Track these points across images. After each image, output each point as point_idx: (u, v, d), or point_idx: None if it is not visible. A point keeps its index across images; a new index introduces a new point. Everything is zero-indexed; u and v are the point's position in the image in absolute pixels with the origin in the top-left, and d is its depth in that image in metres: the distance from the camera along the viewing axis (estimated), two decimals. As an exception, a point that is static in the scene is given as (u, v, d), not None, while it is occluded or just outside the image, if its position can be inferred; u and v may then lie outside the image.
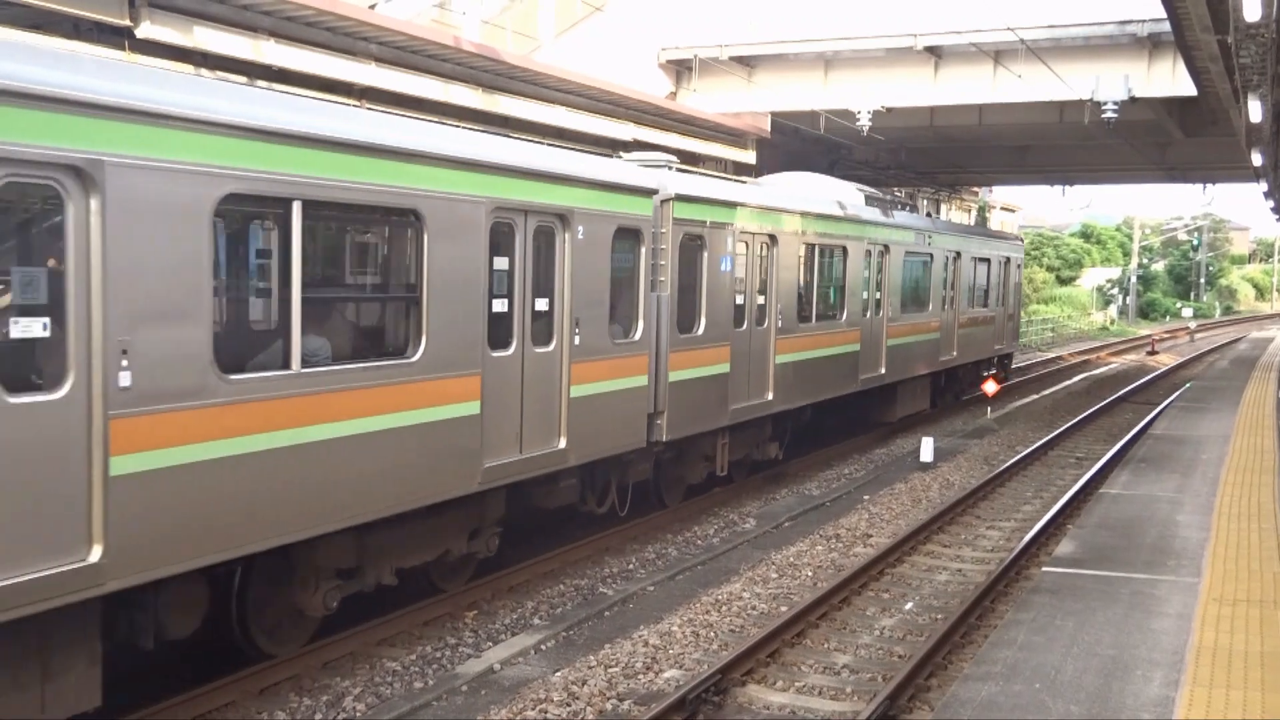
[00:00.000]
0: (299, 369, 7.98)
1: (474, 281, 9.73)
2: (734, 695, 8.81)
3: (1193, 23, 14.86)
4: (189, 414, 7.18)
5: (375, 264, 10.03)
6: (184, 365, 7.14)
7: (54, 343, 6.46)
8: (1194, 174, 40.90)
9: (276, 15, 15.61)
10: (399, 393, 8.94)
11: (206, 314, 7.25)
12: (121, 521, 6.73)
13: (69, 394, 6.47)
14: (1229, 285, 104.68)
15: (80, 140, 6.43)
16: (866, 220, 19.14)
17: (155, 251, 6.92)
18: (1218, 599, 8.99)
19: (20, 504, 6.25)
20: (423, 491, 9.34)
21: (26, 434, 6.26)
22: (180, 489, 7.14)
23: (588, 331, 11.37)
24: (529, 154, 10.94)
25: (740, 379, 14.72)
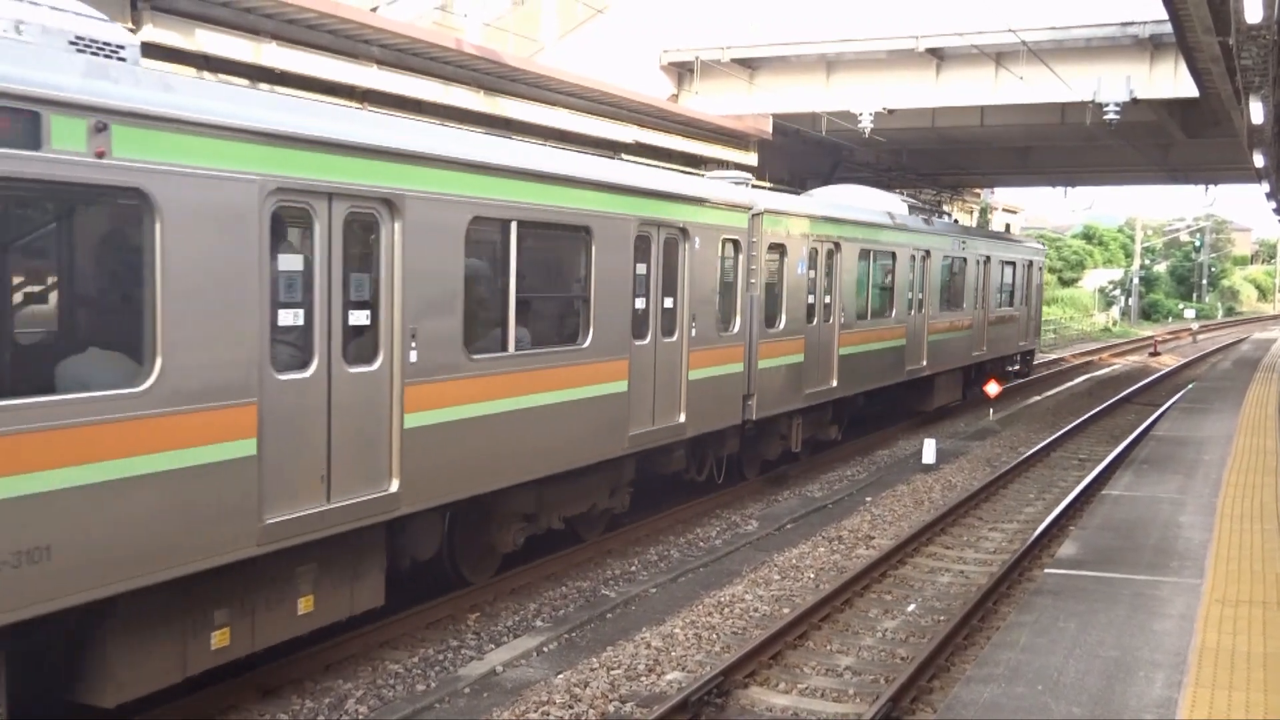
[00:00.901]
0: (513, 351, 10.27)
1: (625, 283, 11.91)
2: (736, 697, 8.80)
3: (1194, 24, 14.88)
4: (450, 384, 9.46)
5: (560, 270, 11.83)
6: (448, 346, 9.38)
7: (372, 328, 8.62)
8: (1196, 175, 40.92)
9: (279, 18, 15.65)
10: (574, 372, 11.10)
11: (459, 308, 9.45)
12: (410, 463, 8.92)
13: (380, 367, 8.66)
14: (1231, 286, 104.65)
15: (391, 180, 8.61)
16: (912, 228, 21.08)
17: (433, 261, 9.12)
18: (1220, 600, 8.98)
19: (356, 446, 8.42)
20: (587, 453, 11.51)
21: (358, 395, 8.41)
22: (446, 440, 9.38)
23: (701, 325, 13.49)
24: (662, 179, 13.27)
25: (811, 368, 16.70)
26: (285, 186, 7.67)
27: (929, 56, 26.79)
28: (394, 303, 8.70)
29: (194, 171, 7.01)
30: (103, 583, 6.60)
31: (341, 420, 8.21)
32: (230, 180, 7.29)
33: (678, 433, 13.15)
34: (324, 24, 16.20)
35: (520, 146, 11.57)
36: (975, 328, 24.94)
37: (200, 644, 7.59)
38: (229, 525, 7.36)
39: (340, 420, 8.20)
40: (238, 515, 7.40)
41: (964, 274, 24.10)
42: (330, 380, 8.13)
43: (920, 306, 21.37)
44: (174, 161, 6.87)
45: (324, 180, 7.97)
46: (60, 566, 6.31)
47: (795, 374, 16.14)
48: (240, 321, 7.36)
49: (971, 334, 24.75)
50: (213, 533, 7.26)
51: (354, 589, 8.93)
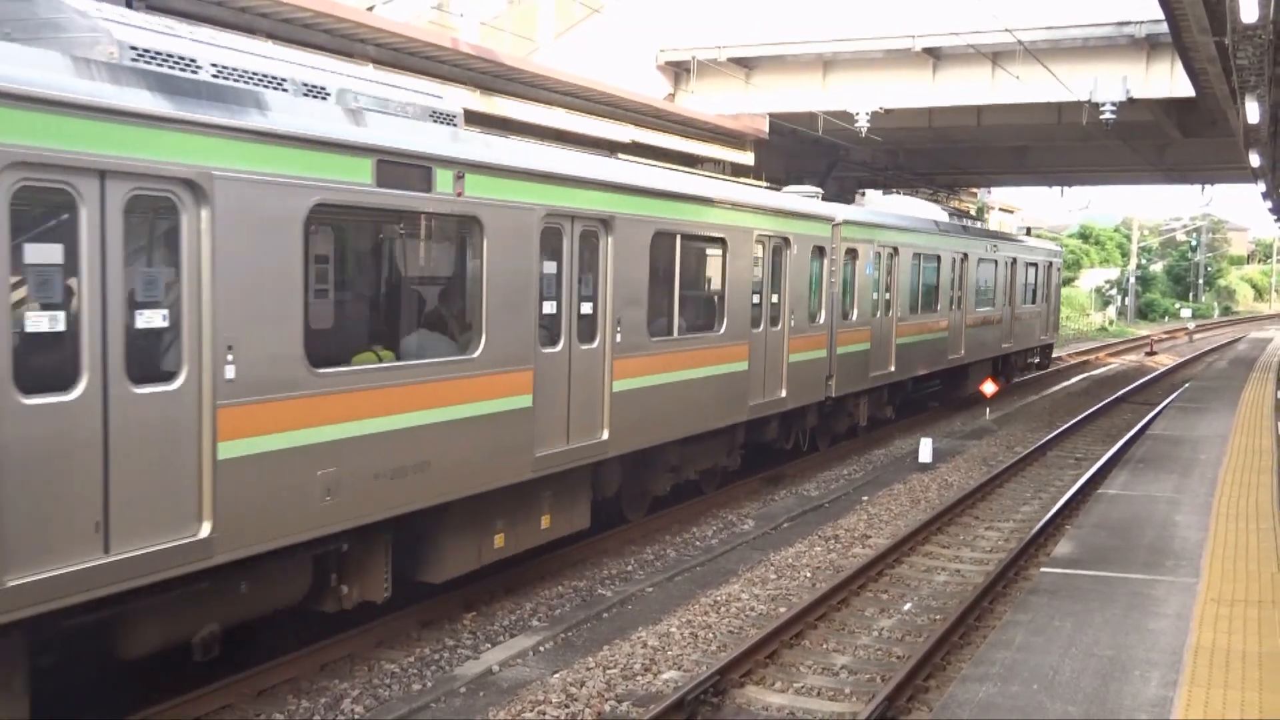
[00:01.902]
0: (676, 335, 12.98)
1: (747, 283, 14.57)
2: (732, 696, 8.81)
3: (1190, 24, 14.90)
4: (639, 359, 12.10)
5: (705, 273, 14.41)
6: (638, 331, 12.13)
7: (591, 317, 11.39)
8: (1192, 175, 40.94)
9: (274, 17, 15.62)
10: (714, 353, 13.84)
11: (645, 301, 12.16)
12: (615, 419, 11.60)
13: (597, 346, 11.41)
14: (1227, 286, 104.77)
15: (606, 205, 11.32)
16: (952, 234, 23.97)
17: (630, 264, 11.86)
18: (1216, 599, 8.99)
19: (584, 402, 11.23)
20: (719, 418, 14.17)
21: (587, 365, 11.29)
22: (636, 402, 12.04)
23: (798, 317, 16.17)
24: (777, 200, 16.28)
25: (875, 354, 19.50)
26: (551, 212, 10.54)
27: (925, 56, 26.79)
28: (607, 295, 11.55)
29: (503, 203, 9.92)
30: (455, 490, 9.49)
31: (577, 384, 11.08)
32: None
33: (780, 405, 15.98)
34: (319, 23, 16.17)
35: (680, 177, 14.03)
36: (1004, 322, 27.88)
37: (488, 543, 10.41)
38: (515, 456, 10.27)
39: (576, 384, 11.05)
40: (521, 450, 10.31)
41: (995, 274, 26.92)
42: (570, 354, 10.98)
43: (959, 303, 24.15)
44: (493, 196, 9.77)
45: (568, 206, 10.80)
46: (435, 477, 9.18)
47: (864, 359, 19.12)
48: (524, 310, 10.26)
49: (1001, 327, 27.69)
50: (506, 461, 10.16)
51: (572, 512, 11.70)
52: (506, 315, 9.95)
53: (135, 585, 6.81)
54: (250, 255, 7.44)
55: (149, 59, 7.27)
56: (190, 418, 7.13)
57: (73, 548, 6.43)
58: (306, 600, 8.81)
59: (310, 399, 7.97)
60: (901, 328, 20.64)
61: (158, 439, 6.91)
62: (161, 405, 6.95)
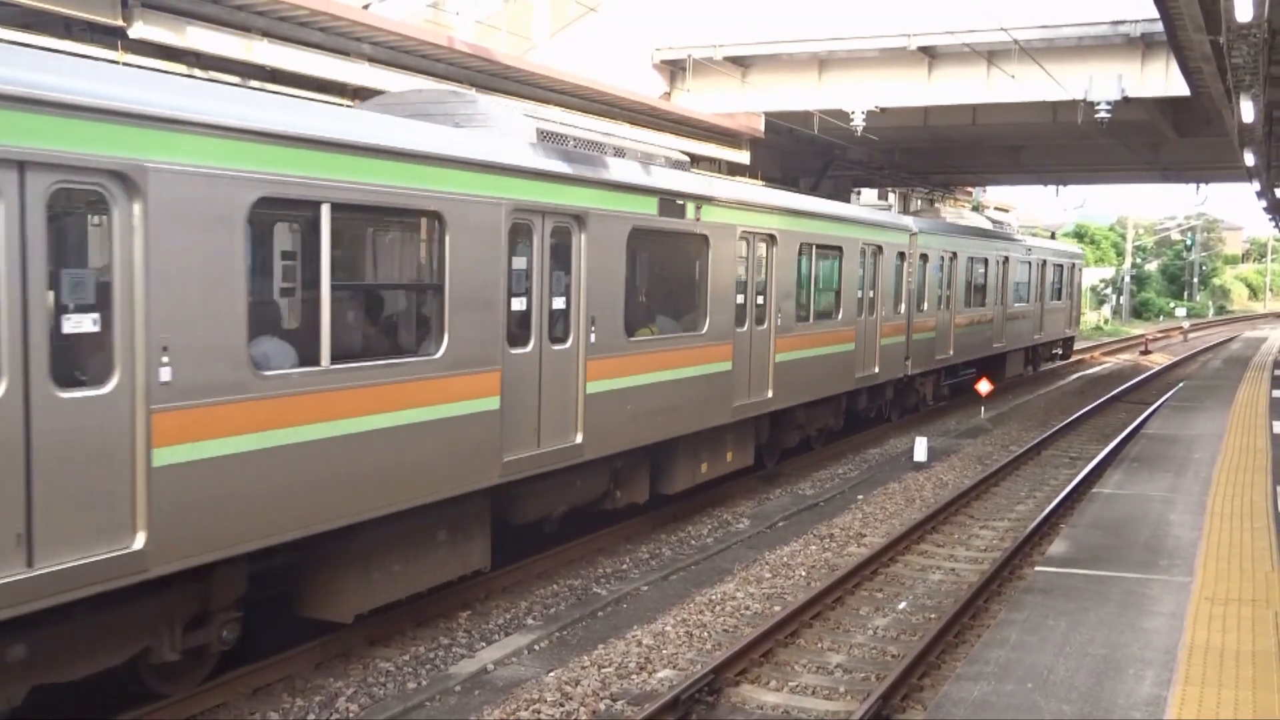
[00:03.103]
0: (812, 321, 16.79)
1: (858, 280, 18.57)
2: (727, 695, 8.81)
3: (1185, 23, 14.90)
4: (790, 338, 15.96)
5: (826, 274, 17.61)
6: (791, 317, 15.96)
7: (763, 307, 14.98)
8: (1187, 174, 40.97)
9: (270, 15, 15.59)
10: (831, 336, 17.58)
11: (794, 296, 16.13)
12: (776, 381, 15.49)
13: (766, 328, 15.13)
14: (1222, 285, 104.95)
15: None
16: (996, 239, 27.85)
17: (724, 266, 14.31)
18: (1210, 598, 9.01)
19: (756, 370, 14.94)
20: (835, 387, 18.05)
21: (756, 344, 14.91)
22: (791, 370, 15.87)
23: (886, 309, 19.92)
24: (874, 214, 20.85)
25: (939, 341, 23.29)
26: (745, 231, 14.63)
27: (921, 55, 26.80)
28: (772, 289, 15.32)
29: (723, 225, 13.90)
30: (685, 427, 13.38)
31: (747, 357, 14.68)
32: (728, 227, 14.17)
33: (874, 379, 19.60)
34: (315, 21, 16.13)
35: (838, 207, 18.19)
36: (1035, 316, 31.59)
37: (699, 468, 14.12)
38: (721, 405, 14.13)
39: (750, 356, 14.79)
40: (725, 399, 14.23)
41: (1028, 274, 30.61)
42: (751, 333, 14.83)
43: (1001, 299, 27.93)
44: (716, 220, 13.74)
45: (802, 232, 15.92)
46: (679, 418, 13.09)
47: (931, 345, 22.81)
48: (729, 300, 14.10)
49: (1033, 320, 31.40)
50: (715, 409, 13.97)
51: (745, 452, 15.44)
52: (719, 303, 13.97)
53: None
54: (603, 264, 11.45)
55: (547, 138, 11.13)
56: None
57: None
58: (599, 501, 12.62)
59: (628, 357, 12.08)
60: (958, 319, 24.50)
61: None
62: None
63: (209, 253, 7.26)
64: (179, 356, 7.04)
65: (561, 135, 11.40)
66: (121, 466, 6.82)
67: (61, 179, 6.45)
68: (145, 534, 6.94)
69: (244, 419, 7.53)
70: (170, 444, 7.04)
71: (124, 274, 6.81)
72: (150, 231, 6.86)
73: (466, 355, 9.56)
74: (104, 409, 6.73)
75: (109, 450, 6.75)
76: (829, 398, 18.09)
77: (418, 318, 9.79)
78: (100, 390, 6.71)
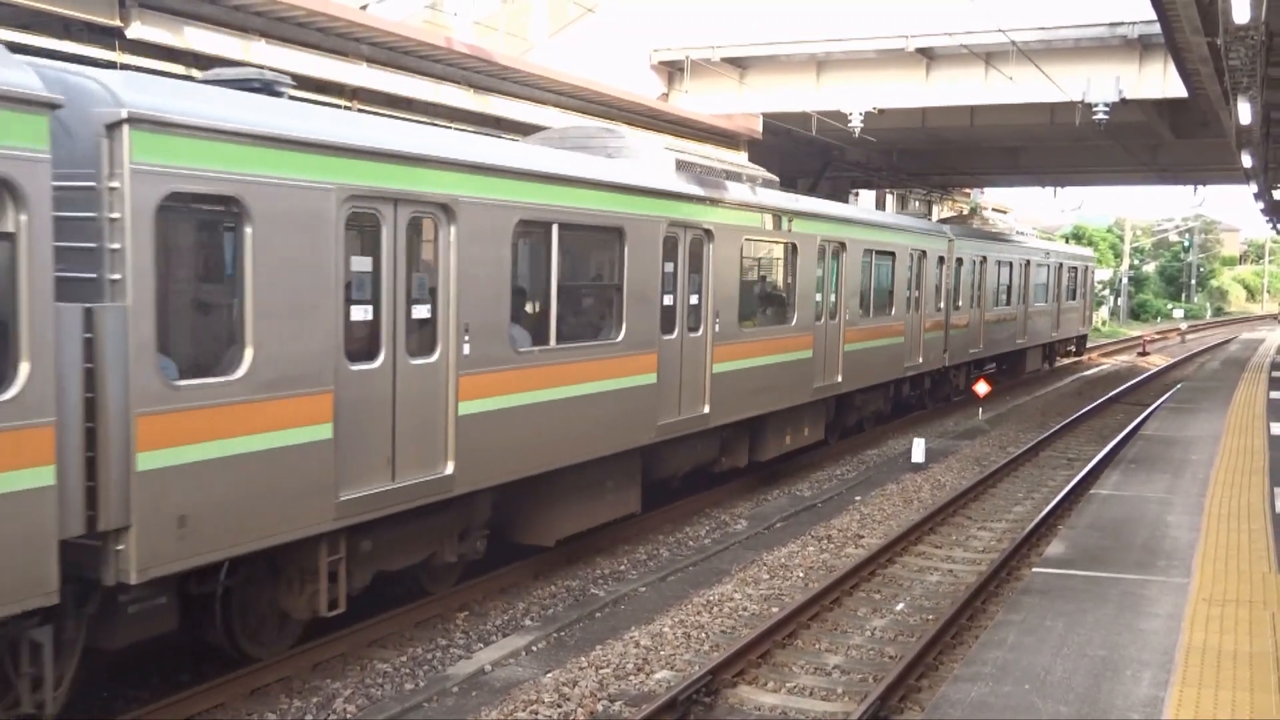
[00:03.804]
0: (872, 315, 19.43)
1: (904, 282, 21.12)
2: (725, 696, 8.81)
3: (1183, 25, 14.92)
4: (856, 329, 18.35)
5: (886, 274, 20.45)
6: (856, 312, 18.43)
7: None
8: (1185, 175, 41.00)
9: (268, 16, 15.59)
10: (888, 329, 20.36)
11: (859, 294, 18.69)
12: (845, 369, 17.94)
13: (836, 322, 17.29)
14: (1220, 286, 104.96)
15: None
16: (1019, 244, 30.71)
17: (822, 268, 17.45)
18: (1207, 599, 9.01)
19: (827, 357, 16.97)
20: (888, 375, 20.77)
21: (828, 336, 17.31)
22: (856, 359, 18.31)
23: (928, 306, 22.52)
24: (919, 224, 24.35)
25: (971, 336, 25.81)
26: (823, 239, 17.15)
27: (919, 56, 26.82)
28: (842, 289, 17.83)
29: (811, 235, 16.54)
30: (778, 404, 15.92)
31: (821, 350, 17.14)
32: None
33: (918, 369, 22.14)
34: (313, 21, 16.13)
35: (854, 210, 21.07)
36: (1052, 315, 34.29)
37: (785, 440, 16.66)
38: (803, 386, 16.72)
39: (821, 349, 17.15)
40: (807, 381, 16.79)
41: (1047, 276, 33.25)
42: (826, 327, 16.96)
43: (1024, 299, 30.55)
44: (802, 230, 16.21)
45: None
46: (772, 395, 15.67)
47: (964, 339, 25.24)
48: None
49: (1051, 319, 34.11)
50: (799, 389, 16.61)
51: (818, 428, 17.57)
52: (804, 300, 16.48)
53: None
54: (726, 268, 13.99)
55: (683, 166, 13.59)
56: (837, 336, 17.64)
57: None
58: (711, 464, 14.93)
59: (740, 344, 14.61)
60: (987, 317, 26.88)
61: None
62: (830, 330, 17.43)
63: (492, 261, 9.91)
64: (474, 336, 9.70)
65: (693, 164, 14.06)
66: (440, 414, 9.43)
67: (416, 210, 9.11)
68: (453, 463, 9.53)
69: (508, 383, 10.20)
70: (468, 399, 9.65)
71: (444, 276, 9.45)
72: (460, 246, 9.49)
73: (636, 340, 12.18)
74: (433, 373, 9.35)
75: (434, 402, 9.36)
76: (881, 384, 20.79)
77: (607, 310, 12.10)
78: (429, 359, 9.30)
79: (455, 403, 9.50)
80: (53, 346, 6.43)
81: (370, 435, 8.68)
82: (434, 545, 10.02)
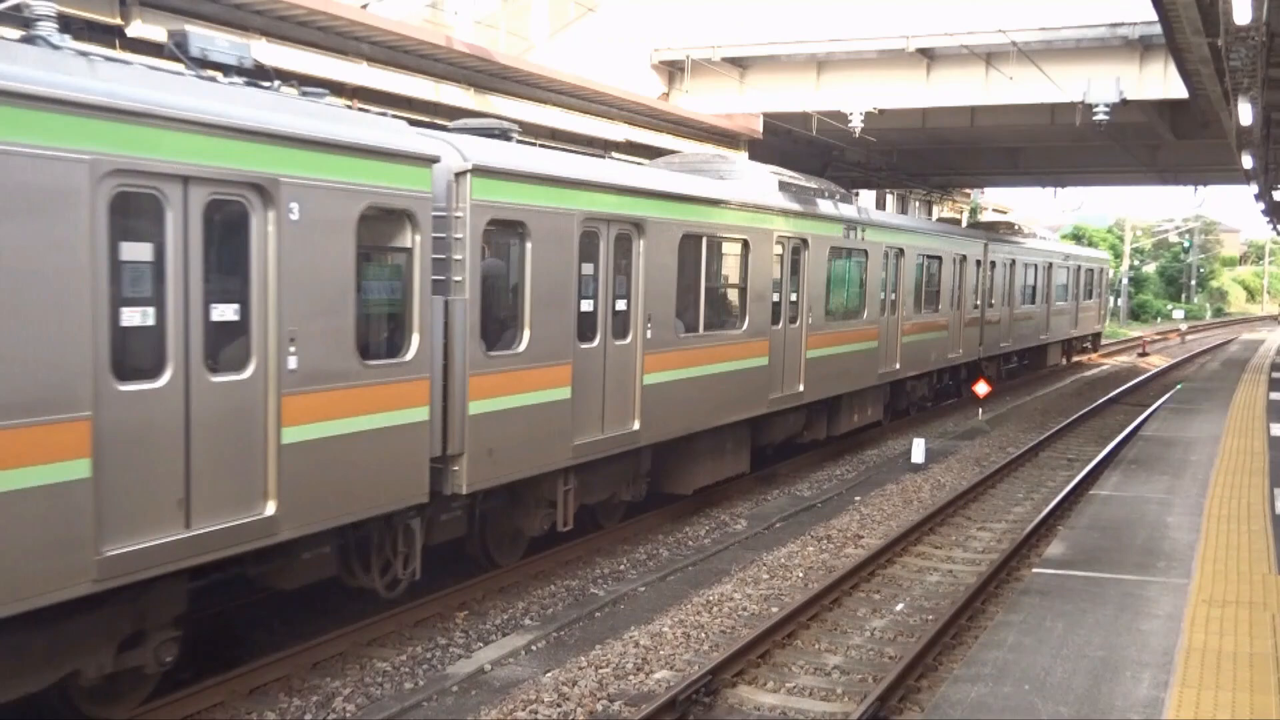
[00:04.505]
0: (939, 309, 23.28)
1: (952, 281, 24.24)
2: (724, 696, 8.81)
3: (1183, 25, 14.90)
4: (914, 323, 21.66)
5: (941, 276, 23.50)
6: (919, 310, 22.09)
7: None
8: (1185, 176, 40.96)
9: (268, 14, 15.58)
10: (930, 324, 22.81)
11: (916, 291, 21.92)
12: (903, 358, 21.08)
13: (898, 317, 20.63)
14: (1220, 287, 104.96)
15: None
16: (1043, 248, 33.73)
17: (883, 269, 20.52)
18: (1207, 600, 9.01)
19: (888, 347, 20.45)
20: (934, 364, 23.48)
21: (892, 330, 20.55)
22: (914, 345, 21.74)
23: (967, 305, 25.60)
24: (956, 230, 26.51)
25: (1002, 330, 28.92)
26: (887, 246, 20.03)
27: (919, 56, 26.79)
28: (901, 288, 20.77)
29: (882, 243, 19.87)
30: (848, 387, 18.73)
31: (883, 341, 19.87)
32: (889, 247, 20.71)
33: (959, 359, 25.44)
34: (313, 20, 16.11)
35: (910, 220, 24.66)
36: (1072, 313, 37.39)
37: (853, 418, 19.33)
38: (869, 372, 19.30)
39: (883, 340, 20.02)
40: (873, 367, 19.35)
41: (1068, 277, 36.33)
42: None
43: (1047, 298, 33.55)
44: (870, 239, 19.27)
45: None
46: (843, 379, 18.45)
47: (996, 334, 28.45)
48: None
49: (1070, 316, 37.27)
50: (865, 375, 19.30)
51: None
52: (871, 298, 19.48)
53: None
54: (815, 271, 17.02)
55: (784, 186, 16.53)
56: (896, 330, 20.80)
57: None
58: (798, 435, 17.84)
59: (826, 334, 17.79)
60: (1016, 314, 29.88)
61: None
62: (894, 323, 21.44)
63: (665, 266, 12.83)
64: (654, 324, 12.62)
65: (791, 183, 16.85)
66: (632, 383, 12.33)
67: (621, 228, 12.07)
68: (639, 422, 12.46)
69: (673, 361, 13.04)
70: (649, 372, 12.56)
71: (634, 277, 12.23)
72: (646, 255, 12.45)
73: (755, 329, 15.25)
74: (629, 351, 12.34)
75: (629, 373, 12.31)
76: (927, 373, 23.66)
77: (735, 305, 15.03)
78: (625, 341, 12.32)
79: (642, 375, 12.50)
80: (429, 326, 9.34)
81: (590, 397, 11.58)
82: (615, 487, 12.92)
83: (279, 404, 7.91)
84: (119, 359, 6.89)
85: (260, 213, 7.78)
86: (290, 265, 7.89)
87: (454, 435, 9.73)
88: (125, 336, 6.95)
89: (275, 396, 7.90)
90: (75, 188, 6.53)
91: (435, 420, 9.46)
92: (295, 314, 7.97)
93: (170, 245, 7.18)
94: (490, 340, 10.22)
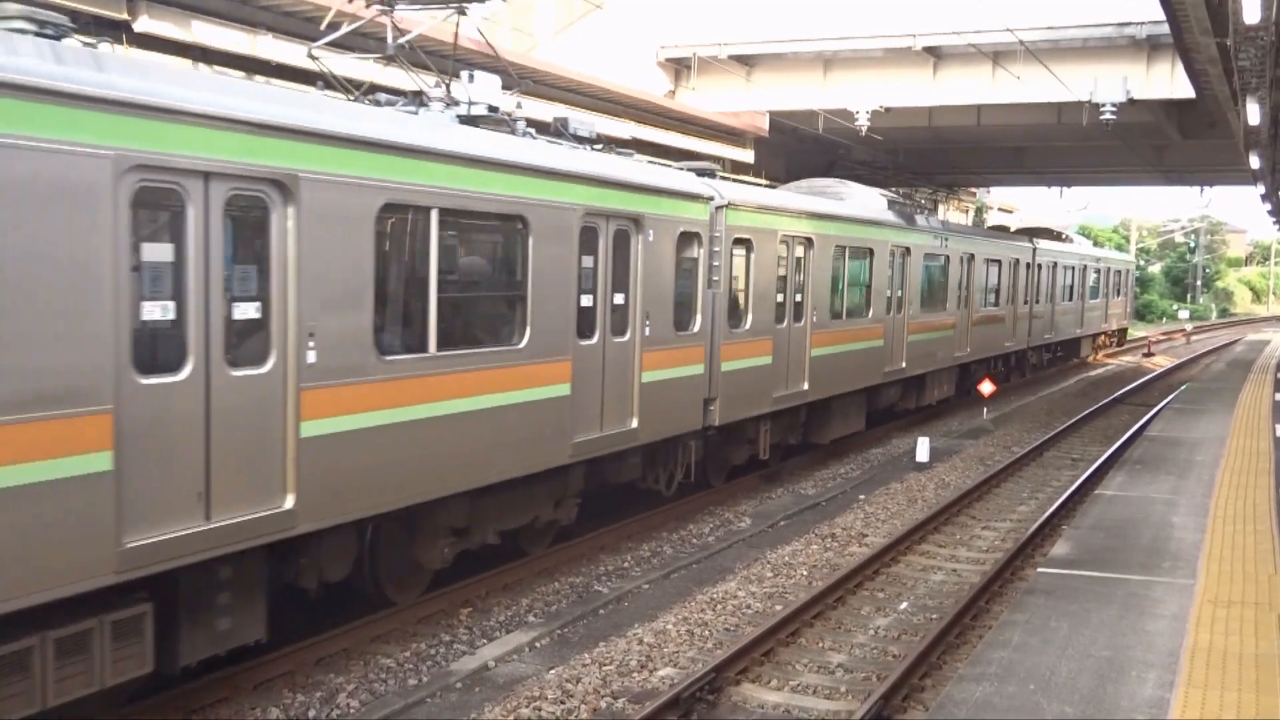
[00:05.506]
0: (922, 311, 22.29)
1: (996, 282, 26.97)
2: (728, 694, 8.80)
3: (1192, 25, 14.88)
4: (919, 321, 21.89)
5: (992, 278, 26.98)
6: (928, 308, 22.88)
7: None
8: (1192, 176, 40.96)
9: (275, 10, 15.60)
10: (997, 316, 27.63)
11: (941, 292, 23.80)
12: (909, 356, 21.37)
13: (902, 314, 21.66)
14: (1225, 288, 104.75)
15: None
16: (1078, 251, 37.12)
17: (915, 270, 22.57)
18: (1212, 601, 8.99)
19: (896, 345, 20.73)
20: (995, 350, 27.94)
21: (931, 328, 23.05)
22: (920, 345, 21.89)
23: (1018, 300, 29.17)
24: (1012, 236, 31.45)
25: (1046, 324, 32.78)
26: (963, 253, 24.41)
27: (926, 55, 26.78)
28: (973, 287, 24.65)
29: (919, 245, 21.74)
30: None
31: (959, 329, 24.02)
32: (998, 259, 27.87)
33: (1014, 346, 29.24)
34: (319, 17, 16.13)
35: (981, 230, 30.92)
36: (1103, 309, 41.40)
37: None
38: (873, 372, 19.71)
39: (959, 328, 24.01)
40: (878, 367, 19.76)
41: (1099, 278, 40.37)
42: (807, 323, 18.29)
43: (1082, 295, 37.39)
44: (953, 246, 24.01)
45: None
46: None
47: (1041, 327, 32.22)
48: (917, 290, 21.52)
49: (1101, 313, 41.41)
50: (869, 374, 19.50)
51: (860, 419, 19.81)
52: (951, 295, 23.04)
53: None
54: (913, 274, 20.98)
55: (892, 204, 20.82)
56: (902, 328, 20.92)
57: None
58: (899, 402, 21.79)
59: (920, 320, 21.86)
60: (1056, 310, 33.86)
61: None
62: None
63: (836, 269, 17.48)
64: (818, 311, 17.08)
65: (895, 201, 21.35)
66: (902, 337, 19.37)
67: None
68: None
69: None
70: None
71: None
72: (814, 258, 16.72)
73: (876, 317, 19.46)
74: (797, 333, 16.25)
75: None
76: (988, 358, 27.20)
77: (866, 299, 18.96)
78: (799, 324, 16.46)
79: (811, 348, 16.96)
80: (705, 309, 13.67)
81: (784, 363, 15.99)
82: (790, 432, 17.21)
83: (298, 398, 7.85)
84: (140, 352, 6.84)
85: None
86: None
87: (713, 385, 14.03)
88: (146, 330, 6.91)
89: (294, 391, 7.81)
90: (98, 183, 6.50)
91: (706, 373, 13.89)
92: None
93: (191, 242, 7.12)
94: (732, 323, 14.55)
